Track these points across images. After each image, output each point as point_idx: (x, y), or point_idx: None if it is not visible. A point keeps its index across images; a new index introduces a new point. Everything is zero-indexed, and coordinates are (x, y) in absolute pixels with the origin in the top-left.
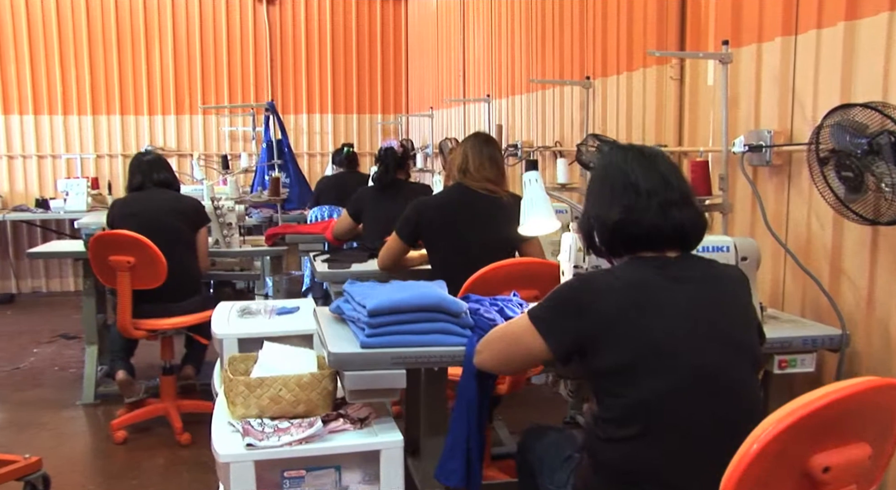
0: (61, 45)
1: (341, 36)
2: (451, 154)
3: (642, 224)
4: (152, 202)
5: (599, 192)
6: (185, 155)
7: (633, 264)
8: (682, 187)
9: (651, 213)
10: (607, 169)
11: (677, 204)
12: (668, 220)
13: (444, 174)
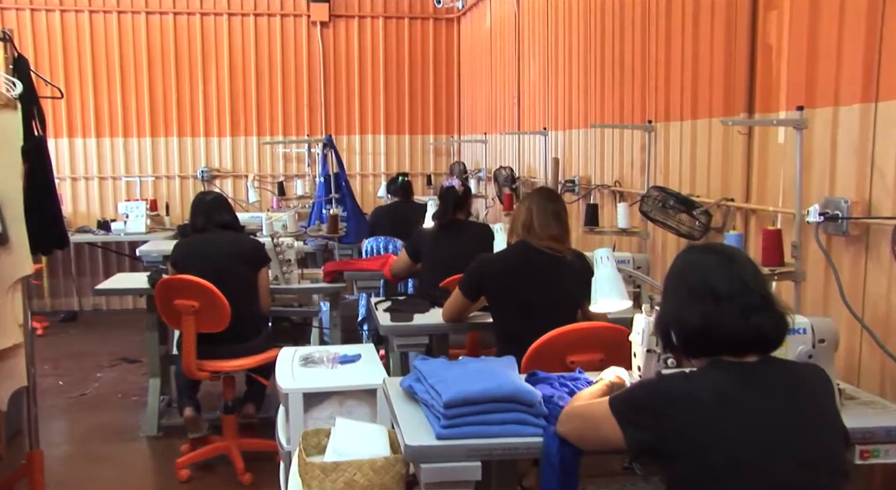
0: (122, 69)
1: (394, 57)
2: (515, 209)
3: (722, 331)
4: (215, 245)
5: (677, 293)
6: (239, 176)
7: (713, 370)
8: (762, 290)
9: (731, 320)
10: (685, 270)
11: (758, 309)
12: (749, 326)
13: (508, 228)
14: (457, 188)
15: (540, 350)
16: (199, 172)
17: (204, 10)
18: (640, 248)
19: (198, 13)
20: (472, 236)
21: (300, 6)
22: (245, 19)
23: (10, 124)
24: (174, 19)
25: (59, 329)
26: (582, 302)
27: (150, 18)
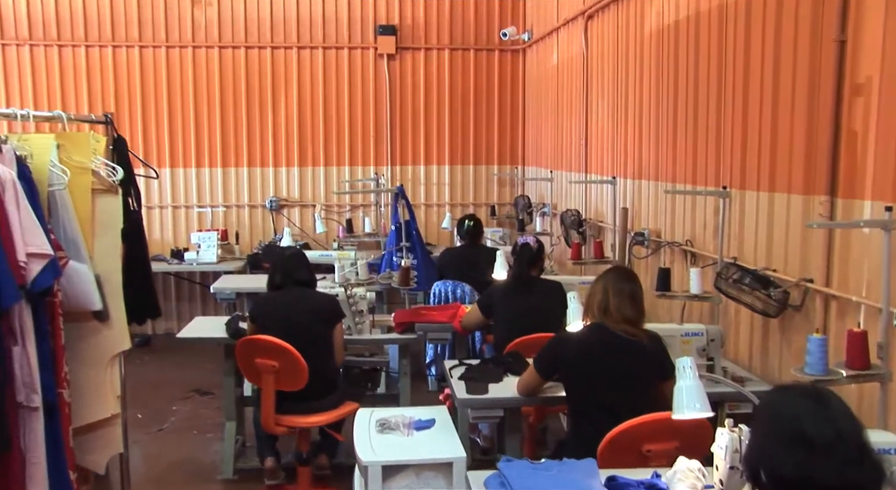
0: (195, 101)
1: (459, 87)
2: (591, 288)
3: (816, 483)
4: (292, 303)
5: (767, 437)
6: (307, 205)
7: None
8: (858, 439)
9: (826, 473)
10: (776, 413)
11: (855, 461)
12: (846, 481)
13: (583, 307)
14: (531, 245)
15: (617, 439)
16: (268, 202)
17: (274, 44)
18: (711, 314)
19: (268, 47)
20: (545, 296)
21: (368, 39)
22: (314, 52)
23: (111, 208)
24: (245, 53)
25: (134, 354)
26: (657, 384)
27: (222, 52)
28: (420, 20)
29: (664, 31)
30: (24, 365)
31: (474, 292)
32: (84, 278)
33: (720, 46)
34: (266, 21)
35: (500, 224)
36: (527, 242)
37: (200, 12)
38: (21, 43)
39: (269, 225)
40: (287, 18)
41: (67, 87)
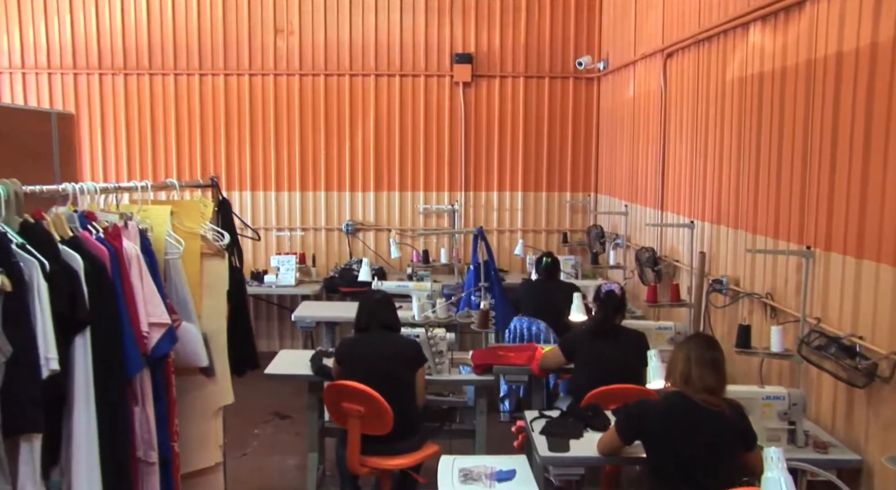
0: (276, 126)
1: (533, 115)
2: (671, 354)
3: None
4: (378, 348)
5: None
6: (382, 229)
7: None
8: None
9: None
10: None
11: None
12: None
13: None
14: (616, 293)
15: None
16: (345, 226)
17: (353, 72)
18: (792, 373)
19: (347, 74)
20: (627, 346)
21: (444, 67)
22: (391, 79)
23: (218, 271)
24: (325, 80)
25: None
26: (741, 454)
27: (302, 80)
28: (496, 48)
29: (748, 81)
30: (143, 423)
31: (549, 330)
32: (193, 337)
33: (807, 101)
34: (345, 49)
35: (572, 251)
36: (612, 290)
37: (282, 41)
38: (116, 72)
39: (344, 248)
40: (365, 47)
41: (157, 113)
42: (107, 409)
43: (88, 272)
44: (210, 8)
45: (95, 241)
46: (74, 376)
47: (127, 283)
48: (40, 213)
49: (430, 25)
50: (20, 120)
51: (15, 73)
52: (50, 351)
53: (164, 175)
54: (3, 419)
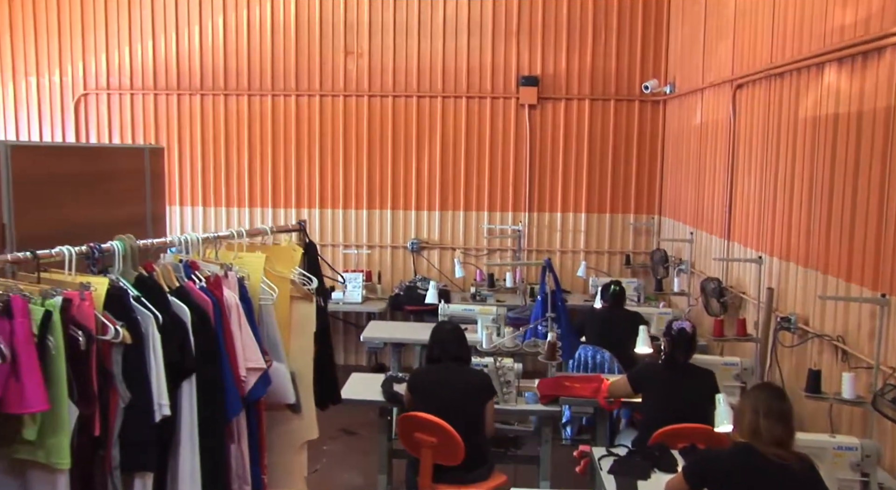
0: (345, 145)
1: (598, 137)
2: (739, 404)
3: None
4: (449, 380)
5: None
6: (446, 248)
7: None
8: None
9: None
10: None
11: None
12: None
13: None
14: (688, 331)
15: None
16: (410, 244)
17: (420, 93)
18: (864, 422)
19: (415, 95)
20: (696, 385)
21: (510, 89)
22: (458, 101)
23: (307, 313)
24: (393, 101)
25: None
26: None
27: (371, 100)
28: (562, 71)
29: (822, 120)
30: (238, 459)
31: (613, 359)
32: (282, 376)
33: (885, 147)
34: (413, 71)
35: (635, 274)
36: (683, 328)
37: (352, 63)
38: (193, 92)
39: (409, 266)
40: (433, 69)
41: (231, 132)
42: (208, 448)
43: (194, 322)
44: (283, 30)
45: (199, 292)
46: (181, 419)
47: (227, 332)
48: (151, 266)
49: (497, 48)
50: (117, 158)
51: (101, 94)
52: (162, 397)
53: (237, 193)
54: (121, 457)
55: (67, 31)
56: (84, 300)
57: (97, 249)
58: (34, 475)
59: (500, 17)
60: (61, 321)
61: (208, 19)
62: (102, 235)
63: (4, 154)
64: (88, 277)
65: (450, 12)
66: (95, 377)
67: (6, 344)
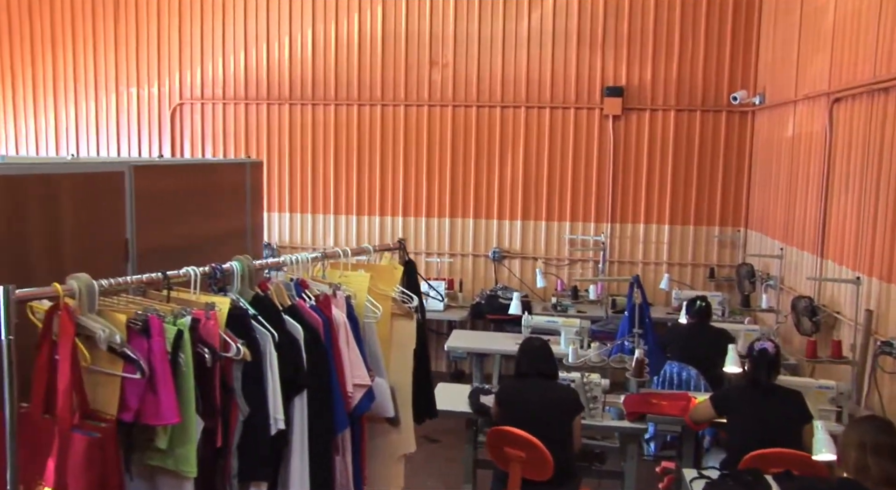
0: (428, 154)
1: (683, 148)
2: (843, 437)
3: None
4: (537, 395)
5: None
6: (528, 257)
7: None
8: None
9: None
10: None
11: None
12: None
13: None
14: (770, 351)
15: None
16: (492, 252)
17: (504, 103)
18: None
19: (498, 105)
20: (784, 407)
21: (594, 100)
22: (541, 111)
23: (407, 331)
24: (476, 111)
25: None
26: None
27: (455, 110)
28: (647, 81)
29: None
30: (342, 471)
31: (700, 377)
32: (383, 391)
33: None
34: (497, 81)
35: (719, 287)
36: (764, 348)
37: (437, 73)
38: (282, 102)
39: (490, 275)
40: (517, 79)
41: (318, 140)
42: (316, 460)
43: (307, 340)
44: (370, 42)
45: (310, 311)
46: (292, 432)
47: (336, 349)
48: (265, 285)
49: (582, 58)
50: (222, 173)
51: (195, 104)
52: (278, 412)
53: (322, 200)
54: (239, 467)
55: (166, 45)
56: (209, 320)
57: (219, 270)
58: (163, 480)
59: (584, 27)
60: (191, 340)
61: (297, 32)
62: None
63: (129, 174)
64: (211, 297)
65: (534, 23)
66: (218, 392)
67: (144, 360)
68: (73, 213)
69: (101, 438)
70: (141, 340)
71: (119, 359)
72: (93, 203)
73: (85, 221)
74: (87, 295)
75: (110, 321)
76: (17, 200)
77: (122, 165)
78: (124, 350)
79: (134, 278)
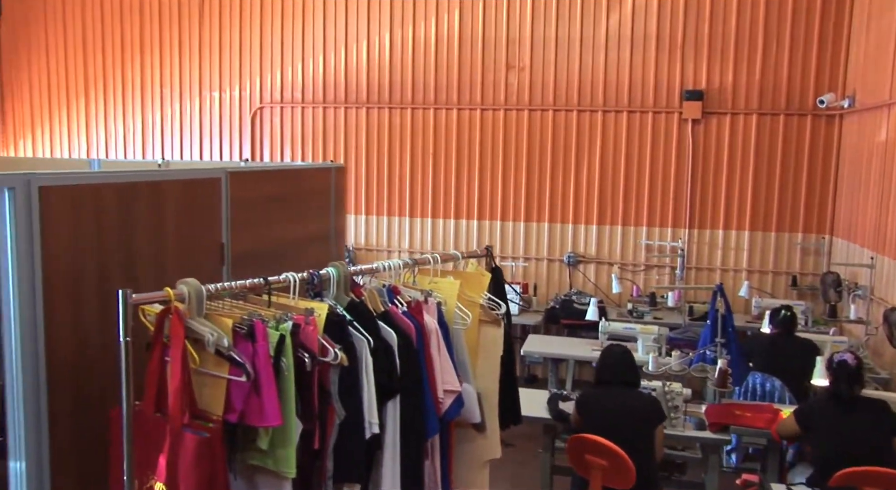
0: (504, 158)
1: (765, 153)
2: None
3: None
4: (619, 404)
5: None
6: (602, 262)
7: None
8: None
9: None
10: None
11: None
12: None
13: None
14: (850, 363)
15: None
16: (566, 257)
17: (581, 107)
18: None
19: (575, 109)
20: (870, 419)
21: (673, 104)
22: (618, 115)
23: (494, 338)
24: (553, 115)
25: None
26: None
27: (531, 114)
28: (728, 85)
29: None
30: (431, 475)
31: (784, 388)
32: (470, 396)
33: None
34: (574, 85)
35: (801, 296)
36: (844, 360)
37: (514, 77)
38: (360, 105)
39: (565, 279)
40: (594, 83)
41: (394, 142)
42: (407, 464)
43: (400, 346)
44: (446, 45)
45: (403, 317)
46: (384, 436)
47: (428, 355)
48: (360, 291)
49: (661, 62)
50: (308, 178)
51: (274, 107)
52: (373, 416)
53: (398, 203)
54: (334, 469)
55: (248, 50)
56: (308, 325)
57: (316, 276)
58: (263, 480)
59: (664, 30)
60: (292, 344)
61: (375, 36)
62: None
63: (224, 179)
64: (309, 302)
65: (612, 26)
66: (316, 396)
67: (250, 364)
68: (174, 218)
69: (210, 438)
70: (246, 344)
71: (225, 361)
72: (192, 208)
73: (185, 226)
74: (196, 299)
75: (217, 325)
76: (128, 206)
77: (219, 171)
78: (231, 353)
79: (238, 283)
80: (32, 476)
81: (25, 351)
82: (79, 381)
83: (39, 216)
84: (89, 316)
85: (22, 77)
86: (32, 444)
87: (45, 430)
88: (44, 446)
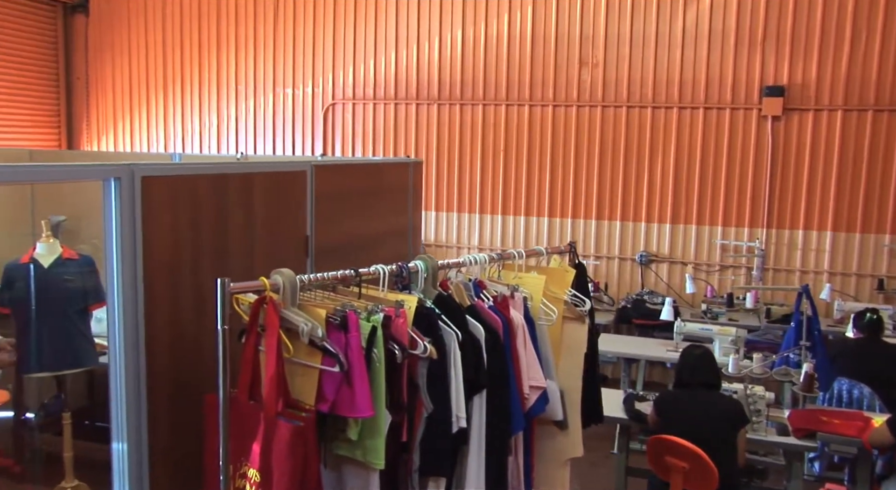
0: (576, 156)
1: (851, 150)
2: None
3: None
4: (700, 406)
5: None
6: (675, 262)
7: None
8: None
9: None
10: None
11: None
12: None
13: None
14: None
15: None
16: (639, 256)
17: (655, 104)
18: None
19: (650, 106)
20: None
21: (752, 100)
22: (694, 112)
23: (578, 335)
24: (626, 111)
25: None
26: None
27: (604, 111)
28: (811, 80)
29: None
30: (513, 471)
31: (874, 395)
32: (553, 393)
33: None
34: (648, 81)
35: (888, 300)
36: None
37: (587, 74)
38: (431, 102)
39: (636, 278)
40: (670, 79)
41: (465, 139)
42: (492, 459)
43: (487, 340)
44: (519, 42)
45: (489, 311)
46: (470, 430)
47: (514, 350)
48: (446, 285)
49: (740, 57)
50: (388, 173)
51: (346, 104)
52: (460, 410)
53: (468, 199)
54: (420, 462)
55: (321, 47)
56: (399, 317)
57: (404, 268)
58: (351, 470)
59: (743, 25)
60: (383, 336)
61: (447, 33)
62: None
63: (310, 172)
64: (398, 295)
65: (689, 22)
66: (405, 388)
67: (342, 355)
68: (262, 210)
69: (304, 427)
70: (339, 335)
71: (317, 351)
72: (280, 200)
73: (272, 218)
74: (291, 289)
75: (311, 315)
76: (220, 197)
77: (305, 165)
78: (325, 344)
79: (330, 274)
80: (133, 457)
81: (128, 338)
82: (176, 367)
83: (141, 206)
84: (185, 304)
85: (106, 76)
86: (133, 427)
87: (145, 413)
88: (143, 429)
